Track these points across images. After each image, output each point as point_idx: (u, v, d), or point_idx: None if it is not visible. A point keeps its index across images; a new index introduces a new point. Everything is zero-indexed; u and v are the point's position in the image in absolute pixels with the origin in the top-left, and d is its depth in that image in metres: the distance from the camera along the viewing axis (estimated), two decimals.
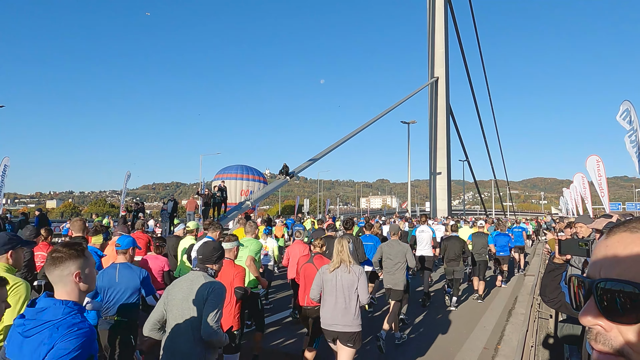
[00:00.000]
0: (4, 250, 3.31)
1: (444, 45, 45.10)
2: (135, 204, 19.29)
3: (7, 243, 3.32)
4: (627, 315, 0.68)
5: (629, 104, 11.94)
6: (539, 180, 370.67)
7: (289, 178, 24.41)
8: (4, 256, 3.30)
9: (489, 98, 59.70)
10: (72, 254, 2.01)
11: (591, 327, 0.73)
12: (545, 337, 6.64)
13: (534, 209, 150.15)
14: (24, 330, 1.91)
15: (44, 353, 1.83)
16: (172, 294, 3.20)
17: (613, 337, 0.70)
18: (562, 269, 2.44)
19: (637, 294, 0.67)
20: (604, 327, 0.71)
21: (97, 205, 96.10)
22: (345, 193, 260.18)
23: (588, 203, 22.69)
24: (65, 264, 1.99)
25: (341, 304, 4.34)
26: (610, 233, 0.78)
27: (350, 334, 4.33)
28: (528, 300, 8.68)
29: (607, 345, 0.70)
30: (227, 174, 29.17)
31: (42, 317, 1.90)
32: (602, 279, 0.72)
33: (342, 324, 4.33)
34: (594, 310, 0.72)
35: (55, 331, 1.85)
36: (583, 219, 4.85)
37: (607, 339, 0.70)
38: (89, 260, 2.07)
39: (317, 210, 79.01)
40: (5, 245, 3.32)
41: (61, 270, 1.98)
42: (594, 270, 0.76)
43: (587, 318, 0.73)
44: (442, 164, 44.82)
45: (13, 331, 1.99)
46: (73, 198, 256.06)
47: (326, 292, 4.44)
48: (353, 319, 4.33)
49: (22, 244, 3.43)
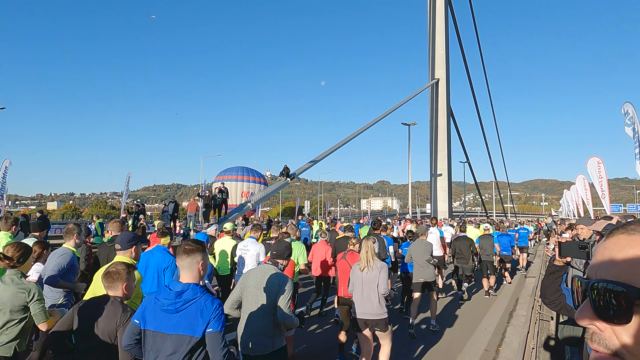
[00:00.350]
0: (129, 246, 4.02)
1: (444, 46, 45.12)
2: (136, 206, 19.26)
3: (131, 240, 4.06)
4: (619, 316, 0.70)
5: (630, 107, 11.94)
6: (540, 181, 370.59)
7: (289, 180, 24.40)
8: (128, 251, 4.01)
9: (490, 99, 59.74)
10: (199, 247, 2.73)
11: (587, 327, 0.75)
12: (546, 338, 6.63)
13: (535, 211, 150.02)
14: (175, 308, 2.59)
15: (206, 318, 2.57)
16: (247, 282, 3.83)
17: (608, 337, 0.71)
18: (563, 271, 2.45)
19: (627, 294, 0.69)
20: (599, 327, 0.72)
21: (98, 207, 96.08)
22: (346, 195, 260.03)
23: (589, 205, 22.67)
24: (194, 254, 2.69)
25: (367, 295, 5.05)
26: (609, 235, 0.80)
27: (377, 321, 5.06)
28: (529, 302, 8.68)
29: (602, 345, 0.72)
30: (227, 176, 29.18)
31: (184, 297, 2.60)
32: (597, 280, 0.74)
33: (369, 312, 5.05)
34: (589, 311, 0.74)
35: (204, 303, 2.60)
36: (584, 221, 4.85)
37: (602, 339, 0.72)
38: (207, 254, 2.80)
39: (318, 212, 79.02)
40: (131, 242, 4.02)
41: (191, 259, 2.68)
42: (591, 271, 0.78)
43: (583, 318, 0.75)
44: (443, 166, 44.77)
45: (155, 309, 2.64)
46: (74, 200, 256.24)
47: (355, 286, 5.16)
48: (378, 307, 5.04)
49: (141, 241, 4.20)
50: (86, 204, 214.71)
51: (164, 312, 2.62)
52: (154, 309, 2.66)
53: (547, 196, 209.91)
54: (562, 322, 4.36)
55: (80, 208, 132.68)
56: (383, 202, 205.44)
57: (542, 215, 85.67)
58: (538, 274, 12.02)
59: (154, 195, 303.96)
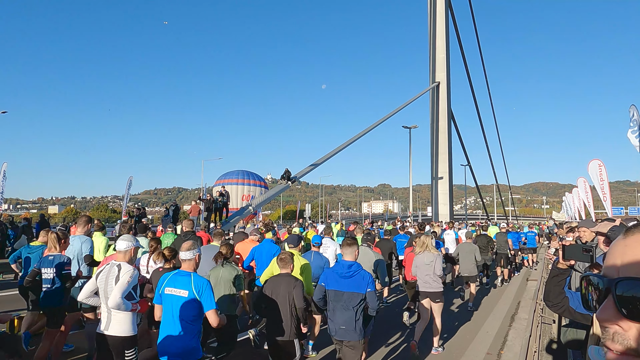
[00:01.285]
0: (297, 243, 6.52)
1: (445, 49, 45.19)
2: (137, 209, 19.27)
3: (298, 240, 6.62)
4: None
5: (634, 110, 11.93)
6: (541, 184, 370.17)
7: (290, 183, 24.40)
8: (296, 247, 6.42)
9: (491, 102, 59.74)
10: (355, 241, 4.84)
11: (608, 327, 0.72)
12: (548, 342, 6.61)
13: (536, 214, 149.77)
14: (349, 274, 4.40)
15: (366, 282, 4.38)
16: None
17: (632, 337, 0.68)
18: (566, 274, 2.44)
19: None
20: (623, 327, 0.69)
21: (99, 211, 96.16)
22: (347, 198, 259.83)
23: (590, 207, 22.67)
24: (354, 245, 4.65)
25: (427, 275, 6.79)
26: (629, 233, 0.77)
27: (434, 293, 6.80)
28: (531, 305, 8.65)
29: (625, 345, 0.69)
30: (227, 180, 29.17)
31: (352, 269, 4.43)
32: (622, 278, 0.70)
33: (429, 287, 6.79)
34: (612, 310, 0.71)
35: (364, 274, 4.45)
36: (586, 223, 4.84)
37: (625, 339, 0.69)
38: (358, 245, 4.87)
39: (319, 215, 78.94)
40: (297, 241, 6.55)
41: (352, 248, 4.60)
42: (611, 270, 0.75)
43: (606, 318, 0.72)
44: (444, 169, 44.75)
45: (334, 276, 4.49)
46: (75, 203, 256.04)
47: (419, 269, 6.90)
48: (436, 284, 6.77)
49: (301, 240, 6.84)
50: (87, 207, 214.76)
51: (341, 278, 4.43)
52: (333, 276, 4.51)
53: (549, 199, 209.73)
54: (565, 325, 4.35)
55: (81, 211, 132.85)
56: (384, 205, 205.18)
57: (543, 218, 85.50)
58: (540, 277, 12.00)
59: (155, 199, 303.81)
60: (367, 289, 4.36)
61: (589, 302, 0.82)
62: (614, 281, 0.71)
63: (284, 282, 4.69)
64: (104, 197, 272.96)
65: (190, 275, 3.84)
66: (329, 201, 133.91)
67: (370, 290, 4.37)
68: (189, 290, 3.75)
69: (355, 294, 4.34)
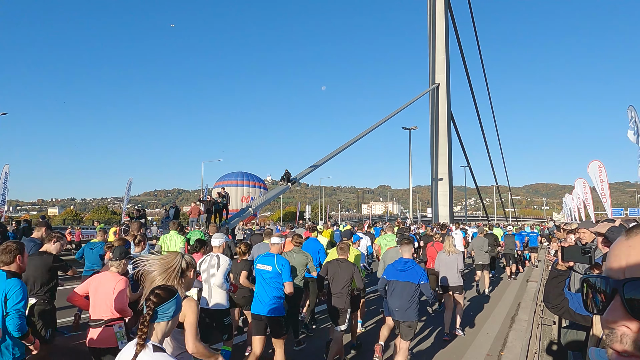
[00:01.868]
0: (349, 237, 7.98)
1: (444, 51, 45.26)
2: (137, 211, 19.26)
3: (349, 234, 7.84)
4: None
5: (633, 111, 11.93)
6: (541, 185, 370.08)
7: (290, 184, 24.39)
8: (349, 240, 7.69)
9: (490, 103, 59.85)
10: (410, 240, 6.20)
11: (615, 329, 0.71)
12: (548, 343, 6.59)
13: (536, 215, 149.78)
14: (405, 268, 5.58)
15: (420, 275, 5.51)
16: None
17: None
18: (566, 275, 2.44)
19: None
20: (631, 328, 0.68)
21: (99, 212, 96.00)
22: (347, 199, 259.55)
23: (590, 208, 22.63)
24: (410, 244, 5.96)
25: (450, 271, 7.91)
26: (631, 234, 0.76)
27: (456, 287, 7.88)
28: (531, 307, 8.65)
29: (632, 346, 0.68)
30: (227, 181, 29.19)
31: (408, 264, 5.62)
32: (630, 279, 0.70)
33: (451, 281, 7.87)
34: (619, 311, 0.70)
35: (418, 268, 5.63)
36: (586, 225, 4.83)
37: (634, 340, 0.68)
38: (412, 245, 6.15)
39: (319, 216, 78.94)
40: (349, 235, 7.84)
41: (409, 247, 5.90)
42: (616, 271, 0.74)
43: (612, 319, 0.71)
44: (444, 170, 44.79)
45: (393, 270, 5.66)
46: (75, 205, 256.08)
47: (442, 265, 8.02)
48: (458, 278, 7.89)
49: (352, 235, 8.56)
50: (87, 209, 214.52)
51: (399, 271, 5.59)
52: (393, 270, 5.68)
53: (549, 200, 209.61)
54: (565, 326, 4.34)
55: (81, 213, 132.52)
56: (384, 206, 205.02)
57: (543, 219, 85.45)
58: (540, 278, 11.99)
59: (155, 200, 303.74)
60: (421, 281, 5.46)
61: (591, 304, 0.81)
62: (621, 282, 0.70)
63: (343, 265, 5.83)
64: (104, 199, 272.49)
65: (274, 256, 5.30)
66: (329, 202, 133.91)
67: (424, 282, 5.47)
68: (272, 266, 5.19)
69: (409, 283, 5.46)
